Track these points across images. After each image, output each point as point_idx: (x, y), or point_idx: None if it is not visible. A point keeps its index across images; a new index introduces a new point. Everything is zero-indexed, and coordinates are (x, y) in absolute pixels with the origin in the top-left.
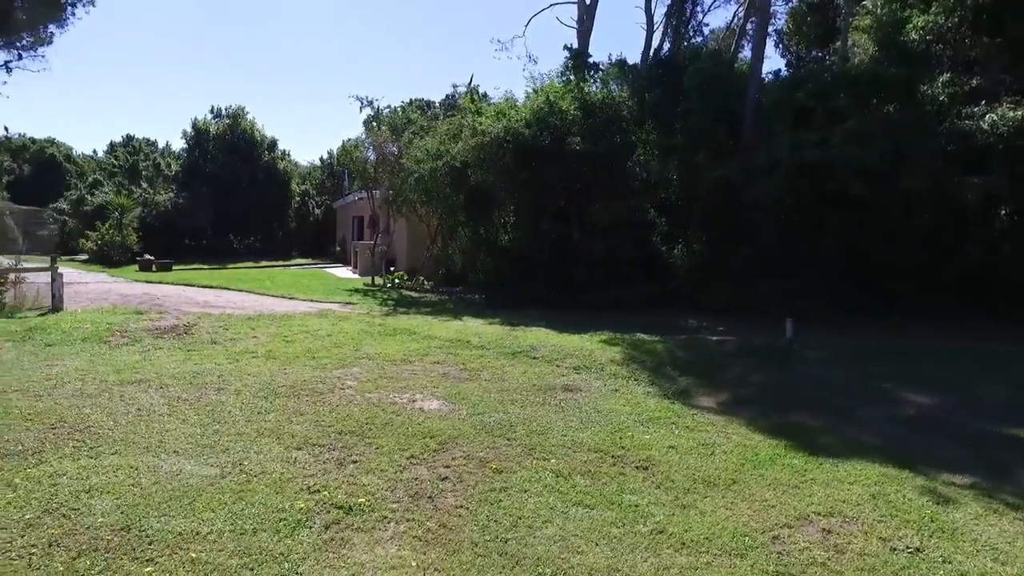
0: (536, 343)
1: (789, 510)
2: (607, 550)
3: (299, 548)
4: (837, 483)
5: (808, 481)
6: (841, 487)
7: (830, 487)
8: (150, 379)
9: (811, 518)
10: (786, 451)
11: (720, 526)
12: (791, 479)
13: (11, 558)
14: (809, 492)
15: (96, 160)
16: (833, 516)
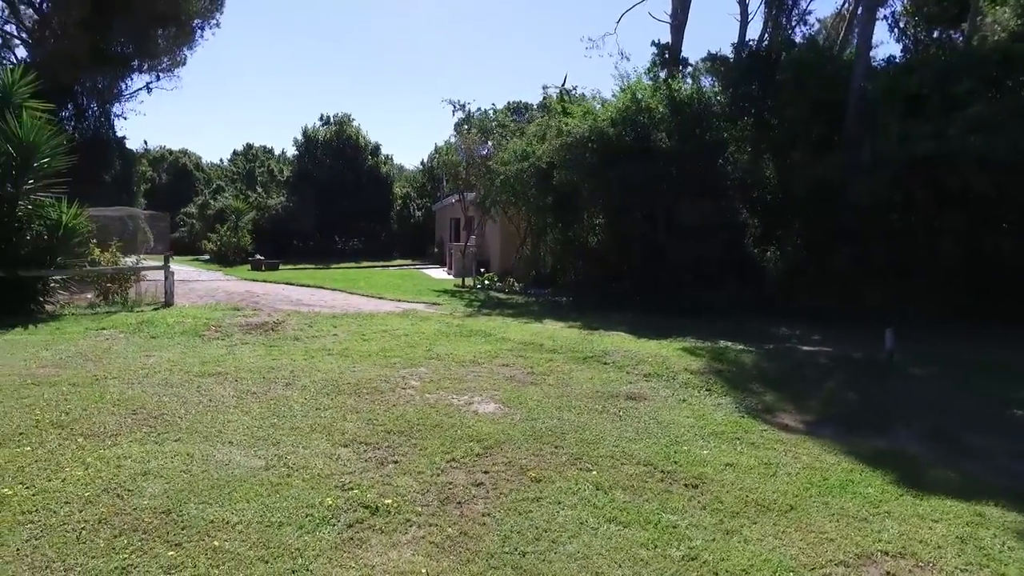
0: (610, 348)
1: (850, 545)
2: (629, 573)
3: (317, 545)
4: (917, 519)
5: (881, 514)
6: (921, 524)
7: (907, 523)
8: (228, 372)
9: (875, 557)
10: (862, 478)
11: (763, 557)
12: (861, 510)
13: (65, 531)
14: (880, 527)
15: (220, 168)
16: (903, 557)
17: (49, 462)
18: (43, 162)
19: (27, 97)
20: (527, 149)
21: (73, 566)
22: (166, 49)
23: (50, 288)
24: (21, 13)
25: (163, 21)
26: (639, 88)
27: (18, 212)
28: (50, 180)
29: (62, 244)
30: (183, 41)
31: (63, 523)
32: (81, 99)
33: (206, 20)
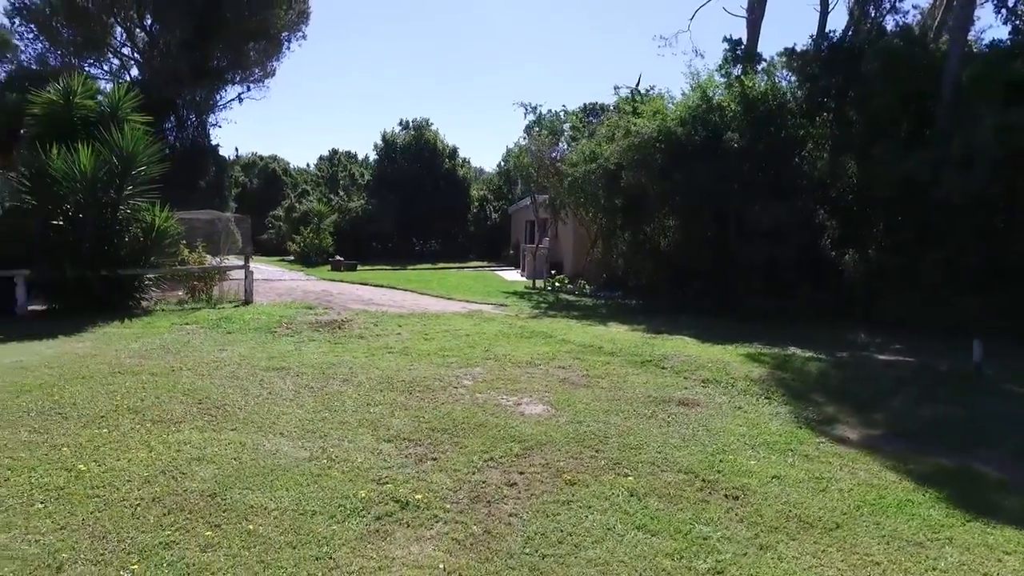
0: (670, 352)
1: (897, 571)
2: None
3: (344, 535)
4: (983, 549)
5: (941, 540)
6: (988, 556)
7: (970, 553)
8: (291, 367)
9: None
10: (925, 499)
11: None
12: (917, 534)
13: (123, 506)
14: (937, 555)
15: (307, 172)
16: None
17: (120, 443)
18: (140, 170)
19: (130, 112)
20: (595, 150)
21: (124, 538)
22: (257, 61)
23: (144, 286)
24: (136, 37)
25: (255, 36)
26: (710, 86)
27: (119, 216)
28: (146, 186)
29: (155, 245)
30: (272, 53)
31: (123, 499)
32: (182, 111)
33: (292, 33)
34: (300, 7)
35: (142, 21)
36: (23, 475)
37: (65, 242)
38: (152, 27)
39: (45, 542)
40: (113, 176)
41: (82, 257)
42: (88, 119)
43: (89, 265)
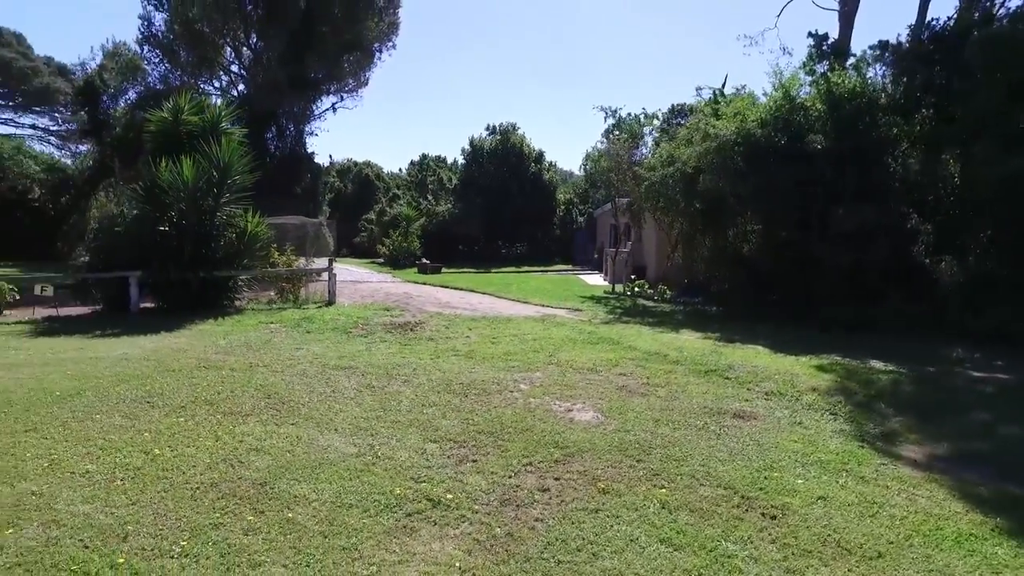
0: (738, 362)
1: None
2: None
3: (373, 528)
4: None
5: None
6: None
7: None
8: (358, 367)
9: None
10: (991, 534)
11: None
12: (972, 571)
13: (185, 488)
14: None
15: (398, 177)
16: None
17: (192, 432)
18: (235, 179)
19: (227, 125)
20: (673, 153)
21: (181, 517)
22: (351, 72)
23: (237, 286)
24: (243, 55)
25: (349, 49)
26: (793, 85)
27: (216, 221)
28: (240, 194)
29: (247, 248)
30: (365, 64)
31: (185, 482)
32: (282, 121)
33: (383, 43)
34: (390, 19)
35: (248, 40)
36: (110, 455)
37: (170, 246)
38: (256, 45)
39: (118, 514)
40: (211, 185)
41: (183, 260)
42: (192, 133)
43: (189, 267)
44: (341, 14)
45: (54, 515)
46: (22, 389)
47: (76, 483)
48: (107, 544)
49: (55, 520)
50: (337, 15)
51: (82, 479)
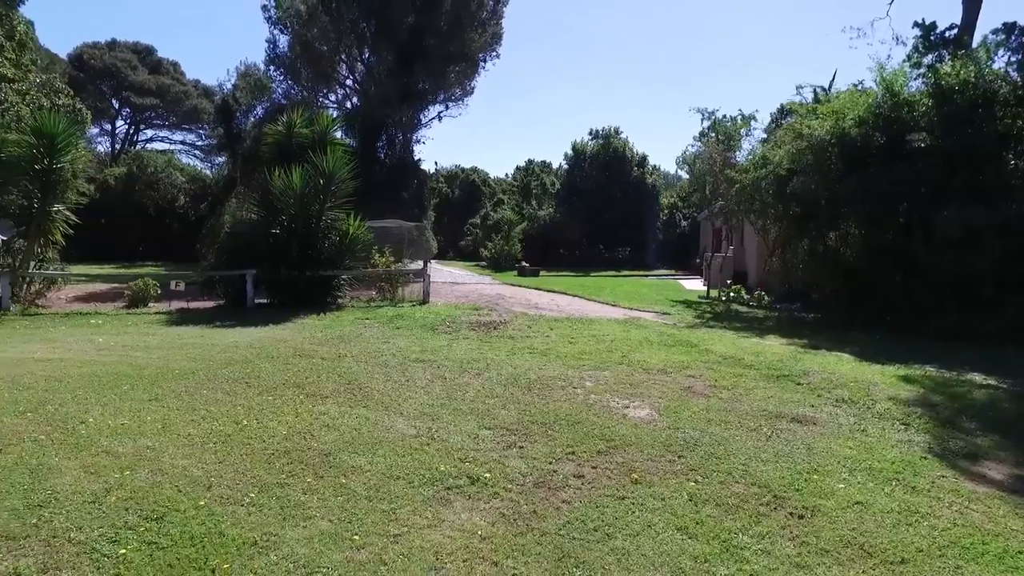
0: (815, 368)
1: None
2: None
3: (413, 497)
4: None
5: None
6: None
7: None
8: (436, 360)
9: None
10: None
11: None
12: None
13: (263, 454)
14: None
15: (504, 182)
16: None
17: (277, 409)
18: (339, 185)
19: (341, 134)
20: (767, 155)
21: (255, 476)
22: (456, 82)
23: (339, 285)
24: (356, 70)
25: (454, 60)
26: (896, 79)
27: (321, 225)
28: (343, 199)
29: (349, 250)
30: (470, 74)
31: (264, 449)
32: (391, 131)
33: (488, 53)
34: (494, 29)
35: (361, 55)
36: (208, 423)
37: (280, 247)
38: (368, 60)
39: (207, 469)
40: (317, 191)
41: (292, 260)
42: (303, 145)
43: (296, 266)
44: (446, 27)
45: (160, 465)
46: (151, 367)
47: (179, 443)
48: (195, 490)
49: (160, 469)
50: (443, 28)
51: (184, 440)
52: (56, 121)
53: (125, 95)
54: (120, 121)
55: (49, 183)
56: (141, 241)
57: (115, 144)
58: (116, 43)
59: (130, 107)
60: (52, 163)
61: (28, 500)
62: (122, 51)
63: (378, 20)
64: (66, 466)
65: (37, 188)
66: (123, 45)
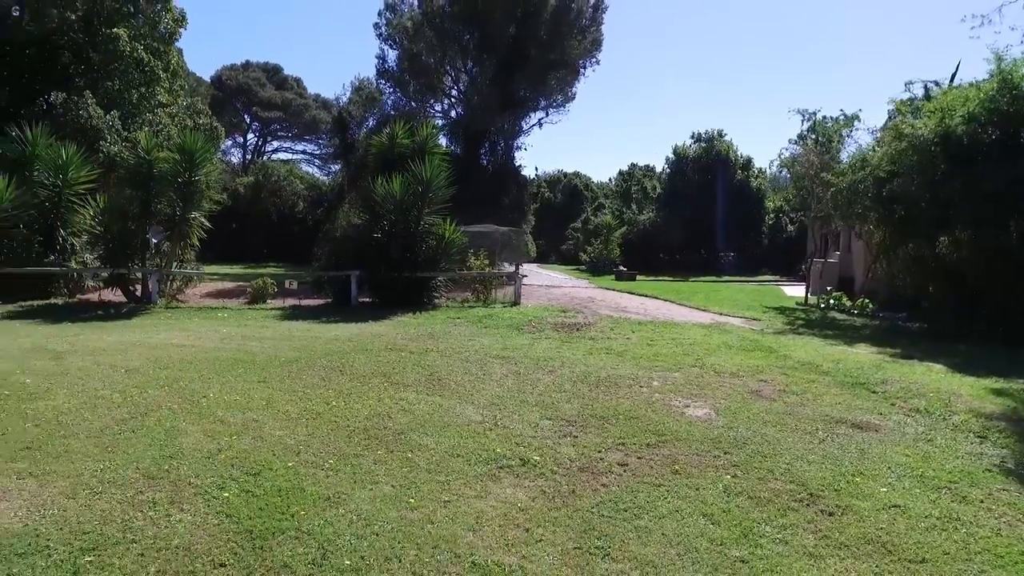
0: (897, 378)
1: None
2: (673, 553)
3: (467, 473)
4: None
5: None
6: None
7: None
8: (515, 357)
9: None
10: None
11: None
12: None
13: (344, 430)
14: None
15: (606, 187)
16: None
17: (363, 394)
18: (435, 193)
19: (438, 145)
20: (865, 157)
21: (336, 447)
22: (557, 89)
23: (436, 286)
24: (460, 80)
25: (554, 67)
26: (1018, 68)
27: (419, 229)
28: (439, 205)
29: (445, 253)
30: (570, 81)
31: (347, 425)
32: (494, 138)
33: (588, 59)
34: (593, 36)
35: (464, 66)
36: (303, 402)
37: (381, 250)
38: (472, 70)
39: (298, 439)
40: (416, 198)
41: (391, 262)
42: (403, 154)
43: (396, 268)
44: (546, 36)
45: (261, 434)
46: (263, 355)
47: (278, 417)
48: (286, 455)
49: (261, 436)
50: (543, 37)
51: (282, 415)
52: (195, 139)
53: (254, 110)
54: (251, 134)
55: (188, 193)
56: (266, 244)
57: (246, 155)
58: (249, 64)
59: (259, 121)
60: (191, 176)
61: (162, 452)
62: (253, 71)
63: (480, 32)
64: (190, 430)
65: (179, 198)
66: (255, 65)
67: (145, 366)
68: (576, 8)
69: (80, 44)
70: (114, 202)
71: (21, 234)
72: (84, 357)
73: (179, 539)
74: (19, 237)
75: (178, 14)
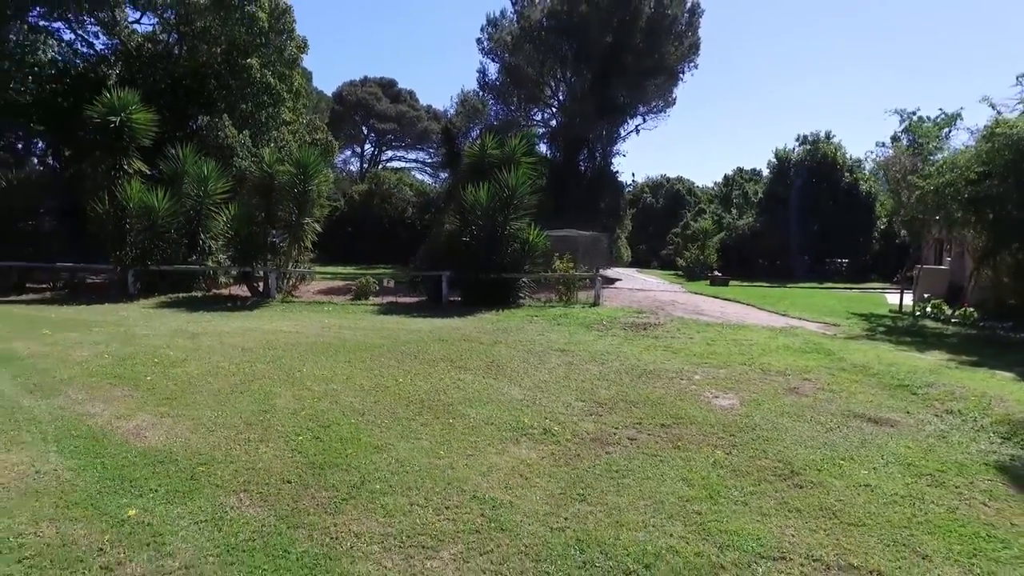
0: (948, 383)
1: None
2: (641, 504)
3: (494, 437)
4: None
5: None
6: None
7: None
8: (574, 351)
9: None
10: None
11: (753, 533)
12: (946, 551)
13: (405, 400)
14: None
15: (708, 191)
16: None
17: (427, 375)
18: (520, 199)
19: (521, 155)
20: (955, 159)
21: (392, 413)
22: (654, 95)
23: (520, 286)
24: (559, 89)
25: (652, 73)
26: None
27: (504, 233)
28: (524, 211)
29: (528, 256)
30: (668, 86)
31: (407, 397)
32: (592, 145)
33: (686, 64)
34: (691, 40)
35: (563, 76)
36: (376, 379)
37: (470, 252)
38: (569, 79)
39: (365, 405)
40: (502, 204)
41: (478, 263)
42: (493, 164)
43: (483, 269)
44: (642, 43)
45: (337, 400)
46: (353, 341)
47: (354, 388)
48: (354, 416)
49: (336, 402)
50: (639, 44)
51: (357, 387)
52: (309, 154)
53: (371, 122)
54: (368, 144)
55: (303, 201)
56: (377, 247)
57: (363, 164)
58: (367, 80)
59: (375, 132)
60: (305, 186)
61: (260, 408)
62: (370, 86)
63: (577, 43)
64: (283, 394)
65: (295, 205)
66: (371, 81)
67: (257, 347)
68: (671, 15)
69: (222, 73)
70: (243, 210)
71: (172, 238)
72: (212, 338)
73: (262, 464)
74: (170, 240)
75: (300, 41)
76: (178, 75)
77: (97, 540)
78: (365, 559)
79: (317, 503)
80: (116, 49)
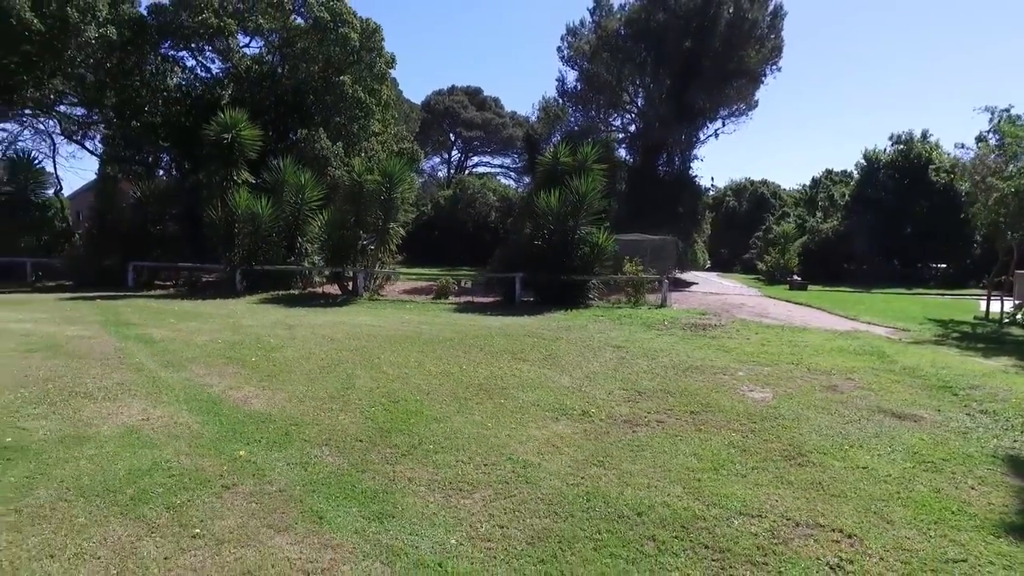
0: (991, 385)
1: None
2: (650, 470)
3: (537, 416)
4: None
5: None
6: None
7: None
8: (630, 347)
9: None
10: (982, 521)
11: (739, 496)
12: (915, 522)
13: (465, 385)
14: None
15: (794, 194)
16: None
17: (486, 364)
18: (591, 205)
19: (592, 162)
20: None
21: (453, 394)
22: (735, 98)
23: (589, 288)
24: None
25: (732, 77)
26: None
27: (575, 237)
28: (593, 216)
29: (597, 259)
30: (750, 89)
31: (467, 382)
32: (671, 149)
33: (768, 66)
34: (773, 43)
35: (641, 82)
36: (444, 366)
37: (542, 255)
38: (648, 85)
39: (431, 387)
40: (572, 210)
41: (549, 265)
42: (565, 171)
43: (553, 271)
44: (721, 47)
45: (407, 382)
46: (428, 335)
47: (423, 373)
48: (419, 395)
49: (407, 383)
50: (718, 49)
51: (426, 372)
52: (394, 164)
53: (458, 130)
54: (455, 150)
55: (388, 207)
56: (461, 249)
57: (450, 170)
58: (454, 88)
59: (462, 139)
60: (391, 193)
61: (342, 386)
62: (457, 94)
63: (655, 50)
64: (361, 375)
65: (381, 211)
66: (458, 89)
67: (344, 337)
68: (751, 19)
69: (318, 90)
70: (335, 215)
71: (273, 241)
72: (306, 329)
73: (340, 427)
74: (272, 243)
75: (388, 57)
76: (280, 92)
77: (219, 469)
78: (414, 495)
79: (381, 456)
80: (228, 72)
